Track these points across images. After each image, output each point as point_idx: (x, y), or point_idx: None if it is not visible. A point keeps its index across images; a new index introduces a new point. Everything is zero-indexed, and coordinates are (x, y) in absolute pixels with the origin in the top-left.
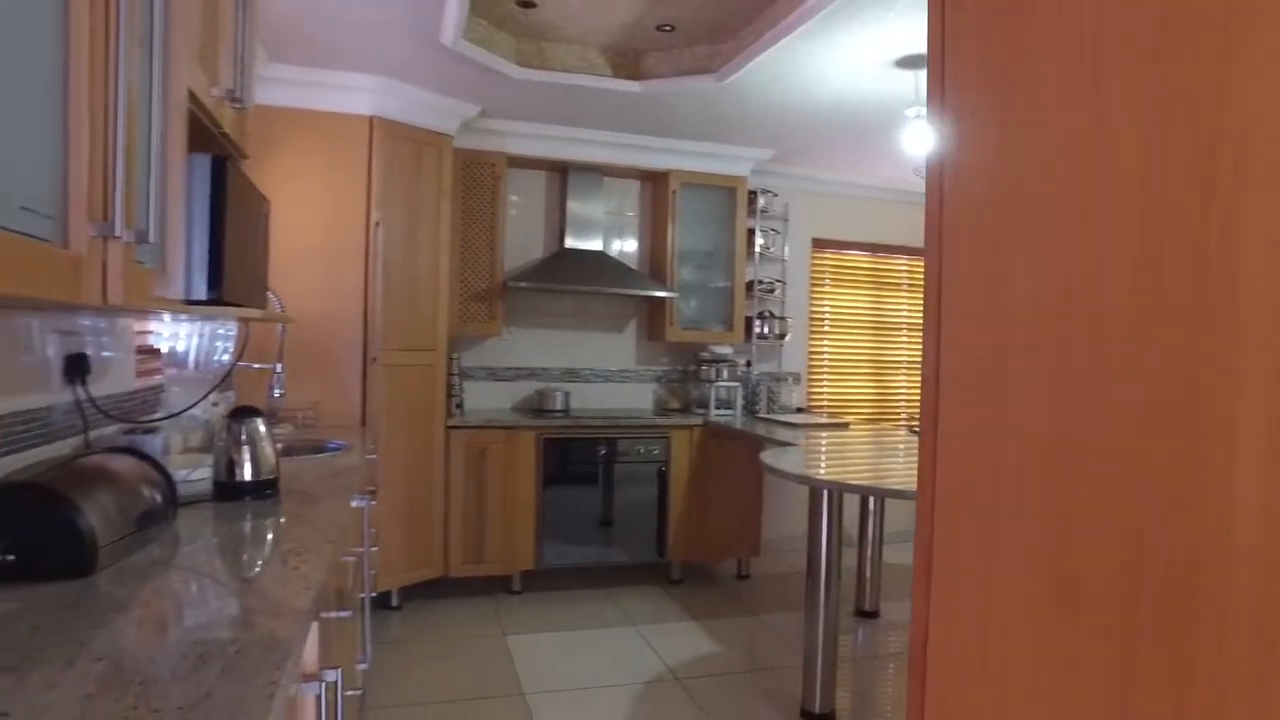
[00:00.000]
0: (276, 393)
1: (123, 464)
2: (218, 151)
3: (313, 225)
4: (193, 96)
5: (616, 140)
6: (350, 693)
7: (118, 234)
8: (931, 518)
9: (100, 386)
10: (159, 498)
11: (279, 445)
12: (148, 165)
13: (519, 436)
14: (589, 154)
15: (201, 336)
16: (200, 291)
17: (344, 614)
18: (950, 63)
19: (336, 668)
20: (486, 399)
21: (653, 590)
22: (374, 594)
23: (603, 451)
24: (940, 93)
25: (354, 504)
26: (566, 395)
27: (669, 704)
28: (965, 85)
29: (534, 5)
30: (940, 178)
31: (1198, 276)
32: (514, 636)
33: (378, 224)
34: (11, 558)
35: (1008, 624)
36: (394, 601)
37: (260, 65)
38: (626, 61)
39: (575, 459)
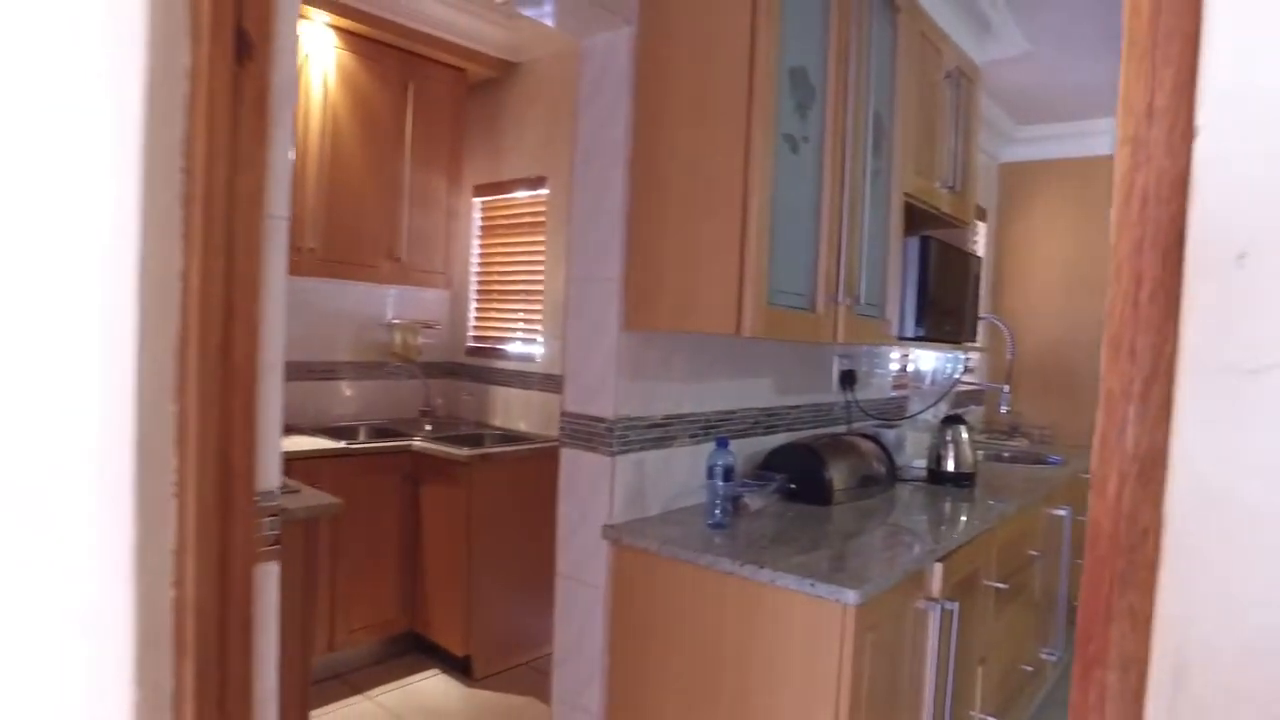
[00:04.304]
0: (1003, 409)
1: (863, 445)
2: (935, 225)
3: (1059, 260)
4: (910, 195)
5: None
6: (1025, 667)
7: (840, 301)
8: None
9: (862, 393)
10: (882, 471)
11: (1005, 453)
12: (862, 252)
13: None
14: None
15: (939, 361)
16: (909, 331)
17: (1000, 585)
18: None
19: (955, 600)
20: None
21: None
22: None
23: None
24: None
25: (1052, 512)
26: None
27: None
28: None
29: None
30: None
31: None
32: None
33: None
34: (794, 486)
35: None
36: None
37: (1009, 130)
38: None
39: None
